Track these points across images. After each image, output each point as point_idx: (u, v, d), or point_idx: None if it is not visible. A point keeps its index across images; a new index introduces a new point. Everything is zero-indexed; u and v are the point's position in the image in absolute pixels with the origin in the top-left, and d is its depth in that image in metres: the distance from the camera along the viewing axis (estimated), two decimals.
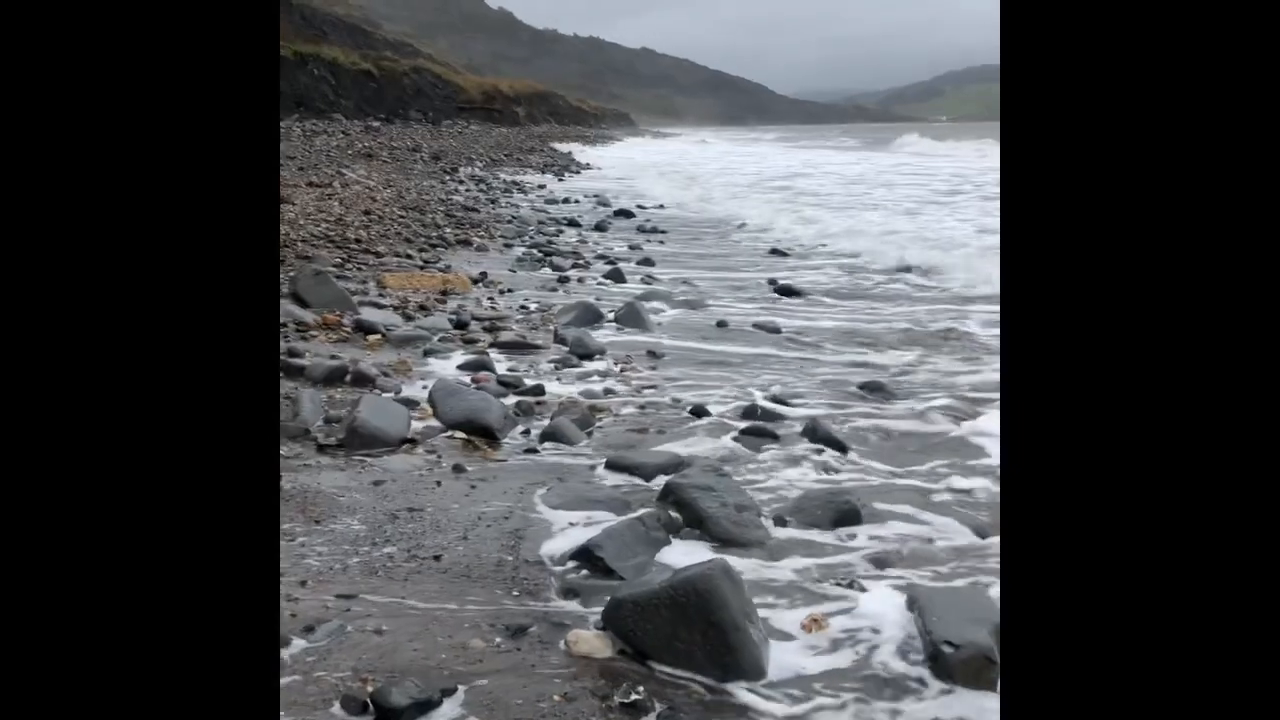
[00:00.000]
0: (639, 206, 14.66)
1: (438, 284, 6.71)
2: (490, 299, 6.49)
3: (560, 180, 20.85)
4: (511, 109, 63.88)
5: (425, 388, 4.10)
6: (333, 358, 4.52)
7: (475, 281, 7.02)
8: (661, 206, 14.96)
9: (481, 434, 3.62)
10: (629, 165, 28.48)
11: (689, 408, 4.14)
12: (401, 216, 10.12)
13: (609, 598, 2.32)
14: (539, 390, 4.27)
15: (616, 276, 7.71)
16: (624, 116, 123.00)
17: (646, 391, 4.45)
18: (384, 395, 4.02)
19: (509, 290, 6.93)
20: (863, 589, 2.57)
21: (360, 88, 44.34)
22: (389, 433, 3.50)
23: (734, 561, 2.70)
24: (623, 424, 3.94)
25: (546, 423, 3.78)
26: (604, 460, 3.41)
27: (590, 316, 5.95)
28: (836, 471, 3.49)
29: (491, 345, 5.11)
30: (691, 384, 4.63)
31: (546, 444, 3.62)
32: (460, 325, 5.49)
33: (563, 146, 38.17)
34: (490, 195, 14.59)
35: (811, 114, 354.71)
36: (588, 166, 25.63)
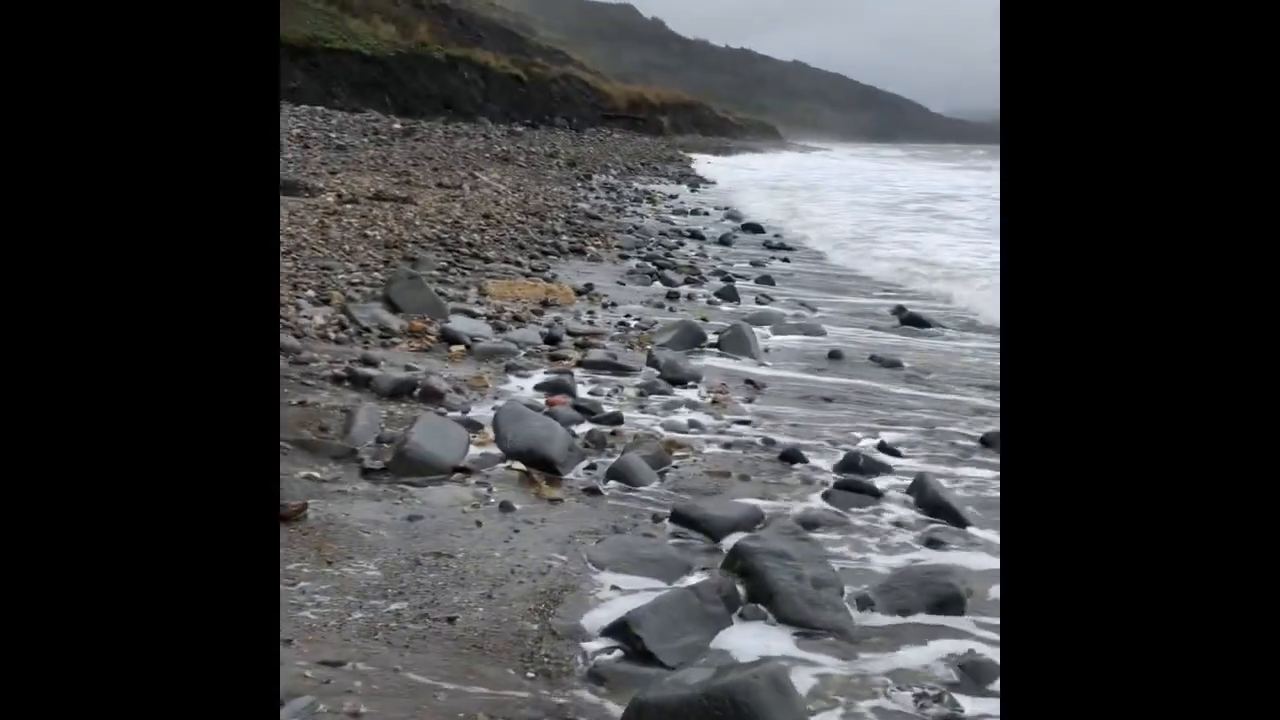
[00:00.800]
0: (769, 222, 14.19)
1: (539, 294, 6.44)
2: (590, 313, 6.17)
3: (693, 191, 20.52)
4: (656, 118, 63.95)
5: (495, 408, 3.79)
6: (406, 369, 4.27)
7: (579, 293, 6.72)
8: (793, 218, 14.44)
9: (542, 466, 3.27)
10: (766, 178, 27.93)
11: (781, 451, 3.70)
12: (520, 222, 9.95)
13: (634, 695, 1.92)
14: (616, 419, 3.90)
15: (729, 295, 7.29)
16: (770, 129, 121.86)
17: (737, 428, 4.02)
18: (448, 414, 3.72)
19: (612, 304, 6.60)
20: (957, 711, 2.09)
21: (509, 92, 45.14)
22: (441, 459, 3.19)
23: (804, 652, 2.27)
24: (703, 464, 3.53)
25: (616, 458, 3.41)
26: (670, 510, 3.01)
27: (691, 338, 5.55)
28: (943, 546, 2.98)
29: (578, 364, 4.78)
30: (790, 422, 4.17)
31: (612, 483, 3.25)
32: (551, 340, 5.18)
33: (701, 156, 37.87)
34: (617, 203, 14.37)
35: (964, 133, 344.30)
36: (714, 182, 25.23)
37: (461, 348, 4.77)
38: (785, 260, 10.03)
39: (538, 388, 4.27)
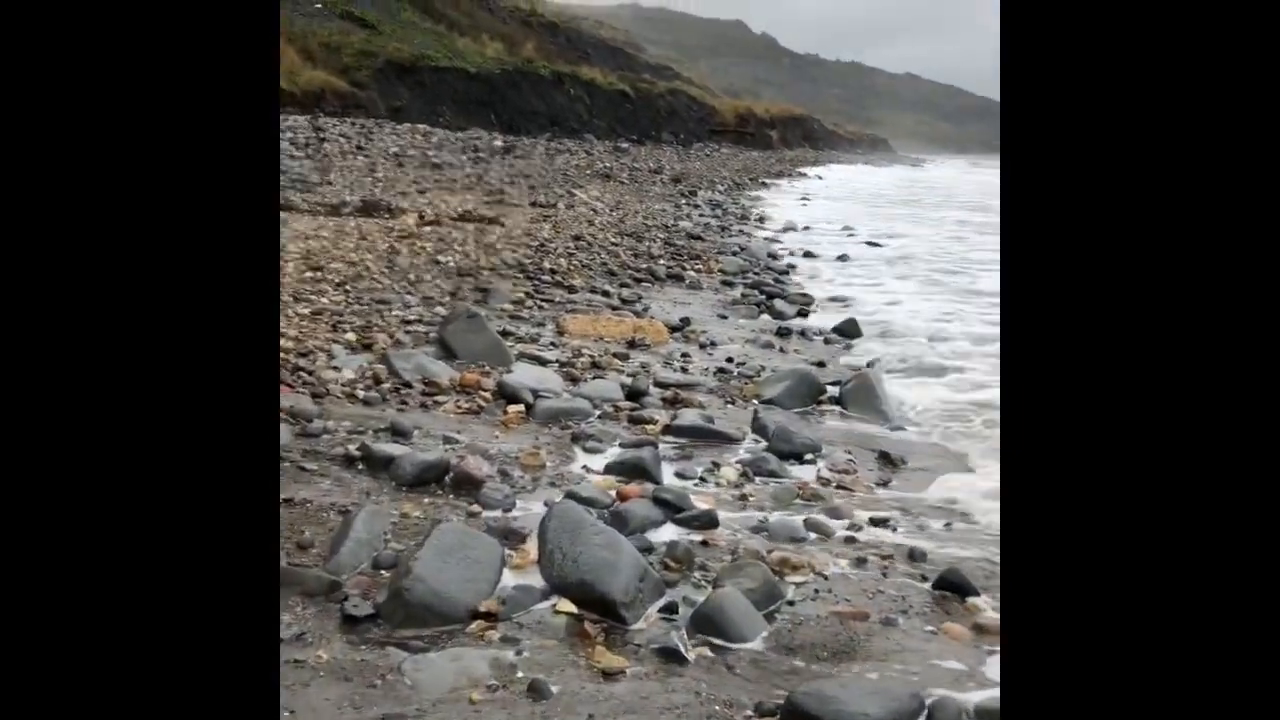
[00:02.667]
0: (888, 237, 12.98)
1: (626, 331, 5.49)
2: (684, 356, 5.18)
3: (805, 204, 19.38)
4: (765, 132, 62.76)
5: (548, 505, 2.84)
6: (445, 441, 3.36)
7: (673, 330, 5.75)
8: (910, 235, 13.20)
9: (599, 609, 2.30)
10: (880, 191, 26.52)
11: (938, 574, 2.64)
12: (614, 244, 9.04)
13: None
14: (709, 520, 2.89)
15: (850, 331, 6.20)
16: (881, 142, 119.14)
17: (873, 532, 2.97)
18: (482, 515, 2.79)
19: (711, 343, 5.60)
20: None
21: (615, 108, 44.72)
22: (455, 600, 2.25)
23: None
24: (829, 597, 2.51)
25: (705, 594, 2.41)
26: (785, 701, 2.00)
27: (806, 390, 4.51)
28: None
29: (665, 430, 3.80)
30: (944, 521, 3.10)
31: (698, 638, 2.25)
32: (634, 395, 4.22)
33: (814, 171, 36.56)
34: (723, 221, 13.36)
35: None
36: (825, 196, 23.96)
37: (520, 408, 3.84)
38: (906, 279, 8.87)
39: (609, 468, 3.30)
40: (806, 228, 13.69)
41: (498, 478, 3.08)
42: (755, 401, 4.37)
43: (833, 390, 4.59)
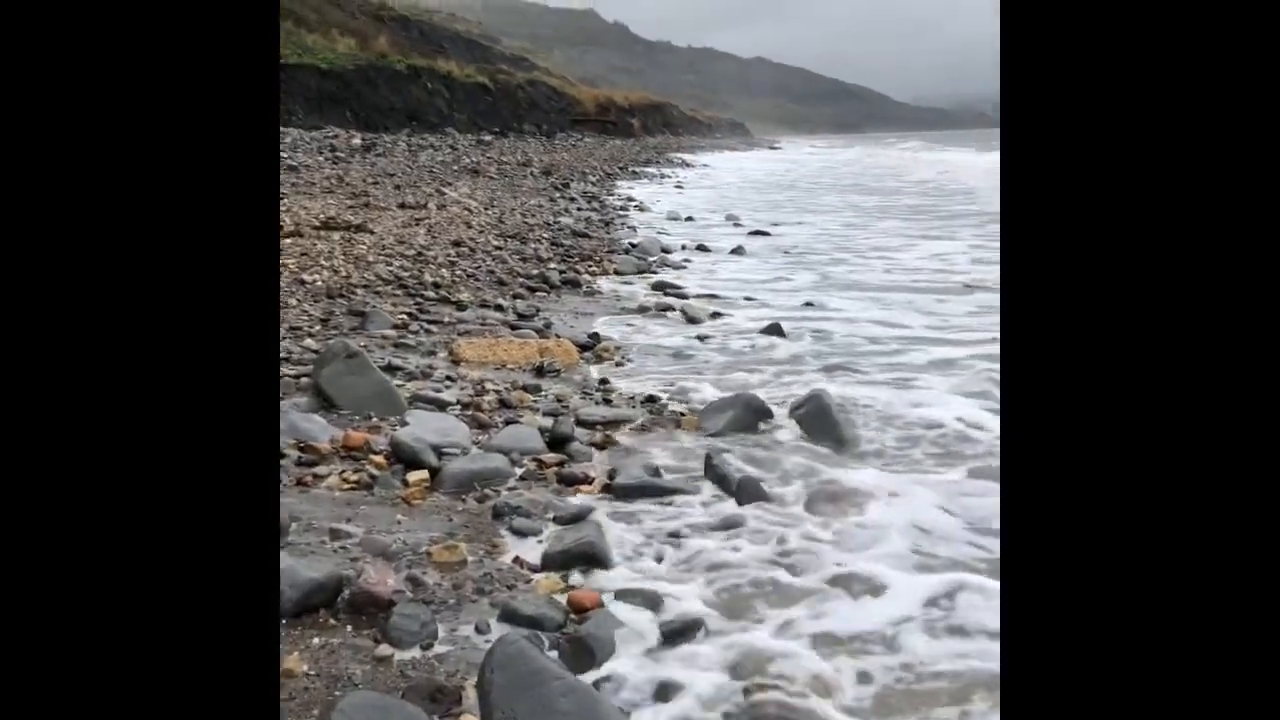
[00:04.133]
0: (773, 224, 12.57)
1: (531, 355, 4.76)
2: (603, 382, 4.49)
3: (680, 191, 18.89)
4: (626, 120, 62.41)
5: (481, 631, 2.12)
6: (333, 537, 2.59)
7: (583, 349, 5.04)
8: (800, 223, 12.83)
9: None
10: (749, 175, 26.36)
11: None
12: (497, 248, 8.25)
13: None
14: (690, 628, 2.23)
15: (776, 331, 5.62)
16: (739, 126, 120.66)
17: (883, 612, 2.36)
18: (395, 657, 2.04)
19: (629, 360, 4.92)
20: None
21: (475, 101, 43.44)
22: None
23: None
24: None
25: None
26: None
27: (752, 416, 3.89)
28: None
29: (605, 489, 3.11)
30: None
31: None
32: (558, 442, 3.50)
33: (679, 157, 36.26)
34: (604, 215, 12.68)
35: (929, 121, 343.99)
36: (699, 183, 23.60)
37: (423, 476, 3.07)
38: (812, 270, 8.39)
39: (548, 561, 2.58)
40: (690, 218, 13.14)
41: (408, 589, 2.33)
42: (700, 433, 3.72)
43: (780, 410, 3.99)
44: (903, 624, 2.29)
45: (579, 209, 13.11)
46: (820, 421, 3.85)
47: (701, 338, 5.49)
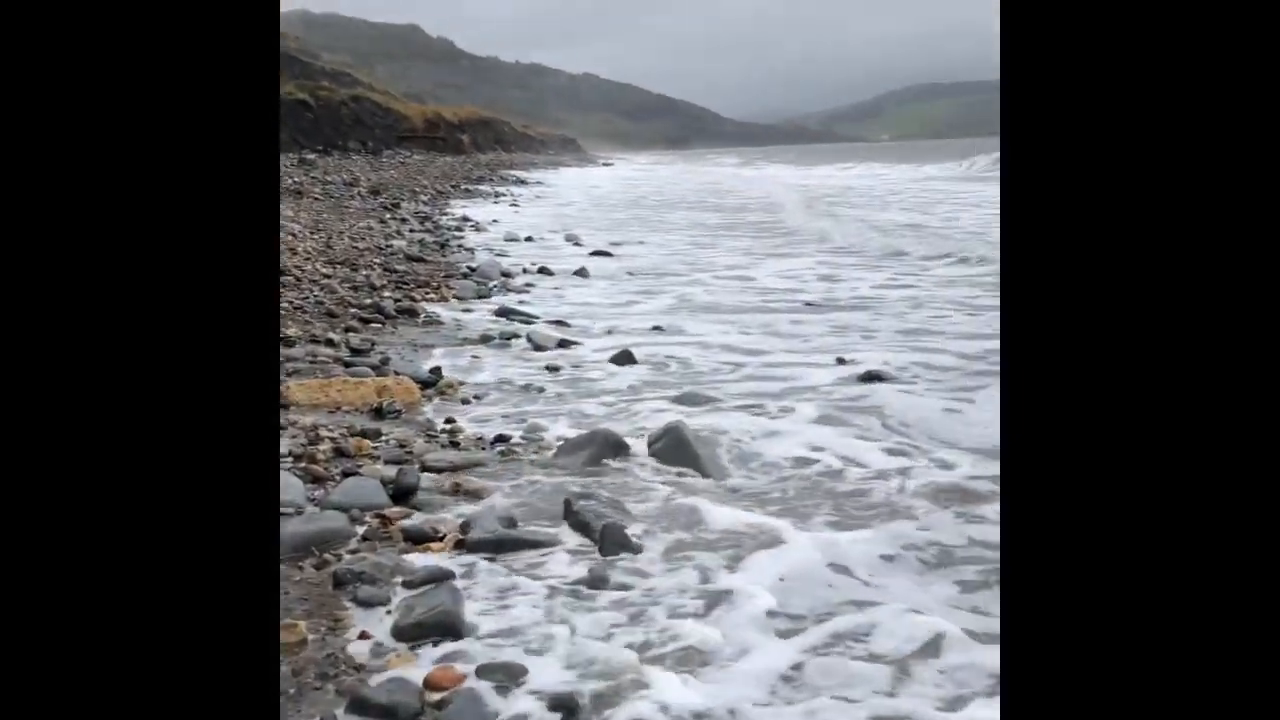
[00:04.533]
0: (614, 243, 12.51)
1: (369, 395, 4.45)
2: (449, 422, 4.22)
3: (516, 210, 18.64)
4: (456, 136, 61.50)
5: None
6: None
7: (425, 386, 4.75)
8: (642, 243, 12.83)
9: None
10: (587, 193, 26.37)
11: None
12: (326, 277, 7.80)
13: None
14: (565, 708, 2.03)
15: (625, 359, 5.48)
16: (571, 142, 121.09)
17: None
18: None
19: (475, 398, 4.67)
20: None
21: (296, 118, 41.81)
22: None
23: None
24: None
25: None
26: None
27: (610, 452, 3.73)
28: None
29: (458, 544, 2.87)
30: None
31: None
32: (402, 494, 3.22)
33: (513, 174, 35.94)
34: (439, 236, 12.30)
35: (755, 135, 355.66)
36: (542, 196, 23.43)
37: None
38: (658, 293, 8.34)
39: (400, 632, 2.32)
40: (529, 238, 12.92)
41: None
42: (554, 473, 3.52)
43: (636, 441, 3.84)
44: (773, 690, 2.16)
45: (411, 230, 12.68)
46: (680, 454, 3.73)
47: (550, 368, 5.29)
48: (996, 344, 2.54)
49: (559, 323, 6.70)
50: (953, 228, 14.54)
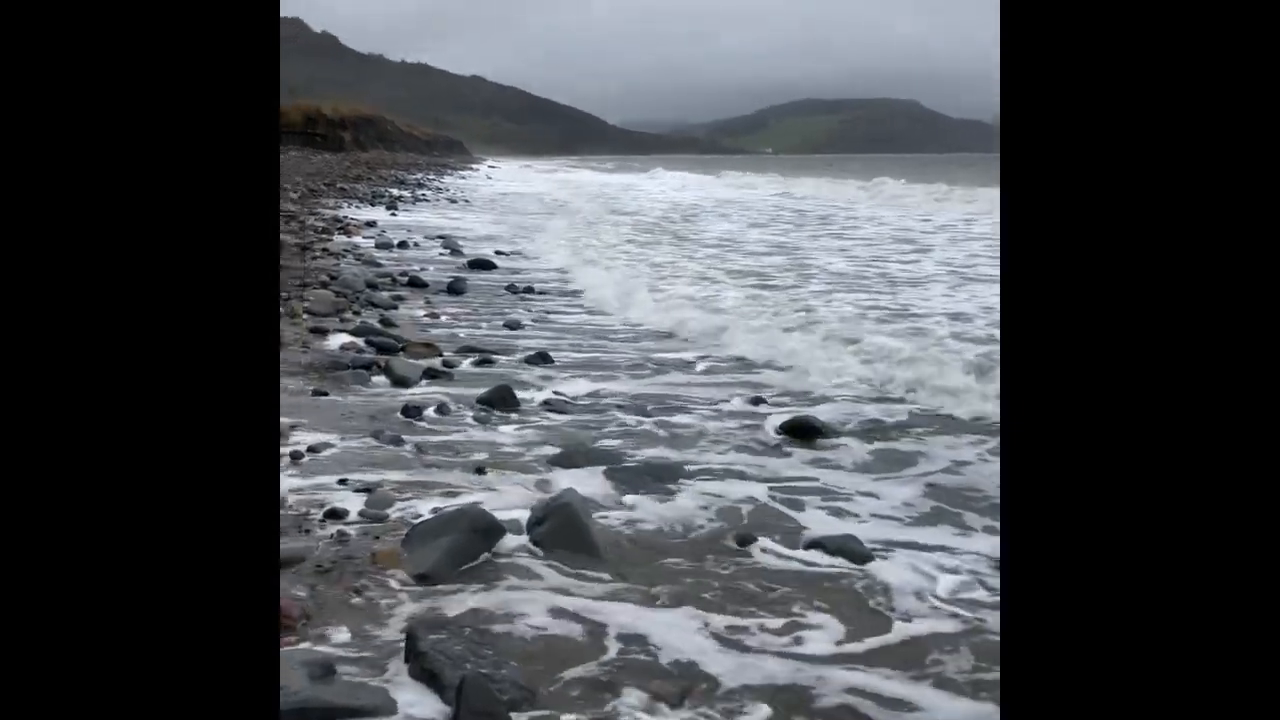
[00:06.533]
0: (498, 252, 11.55)
1: None
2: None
3: (393, 214, 17.43)
4: (337, 133, 59.31)
5: None
6: None
7: None
8: (520, 254, 11.89)
9: None
10: (473, 196, 25.22)
11: None
12: None
13: None
14: None
15: (506, 400, 4.55)
16: (456, 144, 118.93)
17: None
18: None
19: (309, 451, 3.68)
20: None
21: None
22: None
23: None
24: None
25: None
26: None
27: (478, 542, 2.82)
28: None
29: None
30: None
31: None
32: None
33: (393, 174, 34.40)
34: (302, 238, 11.10)
35: (641, 144, 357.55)
36: (413, 202, 22.21)
37: None
38: (548, 314, 7.44)
39: None
40: (402, 244, 11.84)
41: None
42: (400, 573, 2.61)
43: (512, 522, 2.95)
44: None
45: None
46: (570, 539, 2.86)
47: (410, 410, 4.32)
48: None
49: (427, 345, 5.73)
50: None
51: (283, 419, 4.01)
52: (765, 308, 7.71)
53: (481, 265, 10.22)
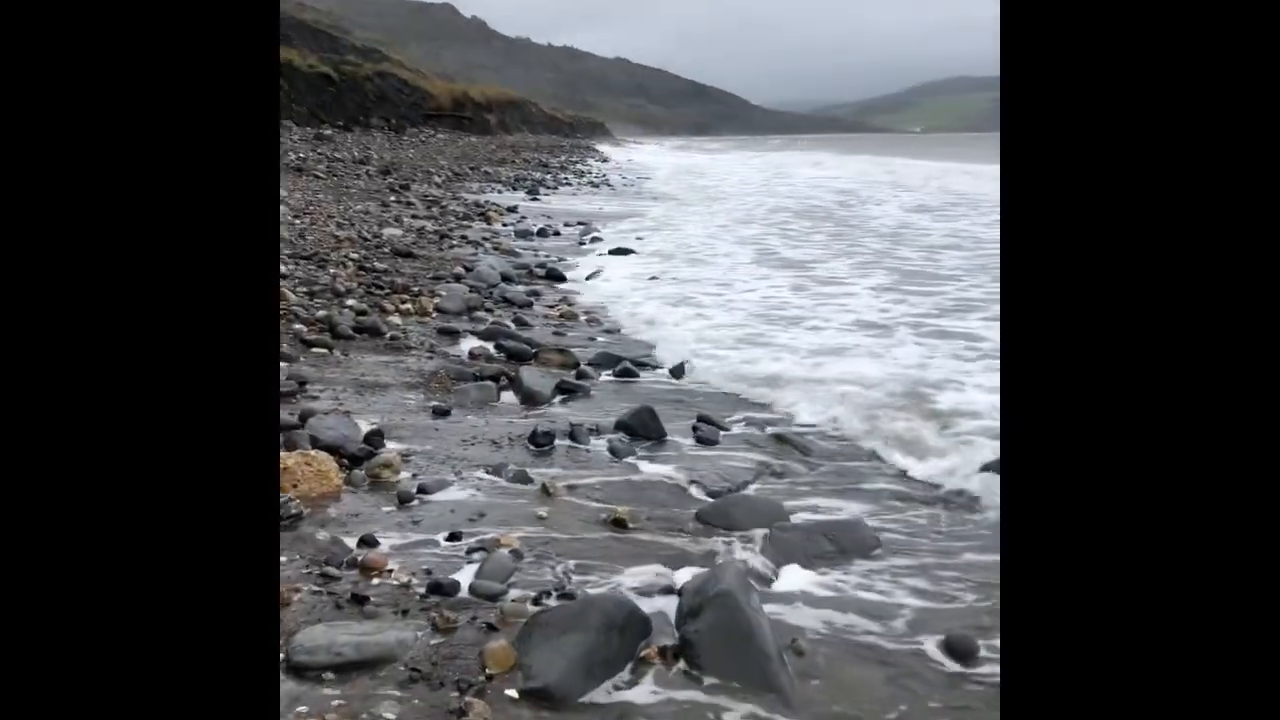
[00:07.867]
0: (637, 238, 10.96)
1: None
2: (364, 543, 2.68)
3: (534, 199, 17.10)
4: (483, 116, 60.16)
5: None
6: None
7: (351, 462, 3.23)
8: (663, 242, 11.26)
9: None
10: (612, 179, 24.78)
11: None
12: (280, 278, 6.30)
13: None
14: None
15: (645, 427, 3.89)
16: (599, 125, 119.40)
17: None
18: None
19: (419, 492, 3.12)
20: None
21: (317, 92, 40.64)
22: None
23: None
24: None
25: None
26: None
27: (616, 646, 2.19)
28: None
29: None
30: None
31: None
32: None
33: (537, 157, 34.39)
34: (442, 224, 10.79)
35: (786, 124, 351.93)
36: (565, 182, 21.89)
37: None
38: (692, 307, 6.78)
39: None
40: (542, 231, 11.38)
41: None
42: (513, 685, 2.00)
43: (659, 612, 2.31)
44: None
45: (414, 216, 11.19)
46: (734, 649, 2.19)
47: (539, 438, 3.73)
48: None
49: (562, 352, 5.15)
50: None
51: (395, 446, 3.49)
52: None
53: (621, 251, 9.65)
